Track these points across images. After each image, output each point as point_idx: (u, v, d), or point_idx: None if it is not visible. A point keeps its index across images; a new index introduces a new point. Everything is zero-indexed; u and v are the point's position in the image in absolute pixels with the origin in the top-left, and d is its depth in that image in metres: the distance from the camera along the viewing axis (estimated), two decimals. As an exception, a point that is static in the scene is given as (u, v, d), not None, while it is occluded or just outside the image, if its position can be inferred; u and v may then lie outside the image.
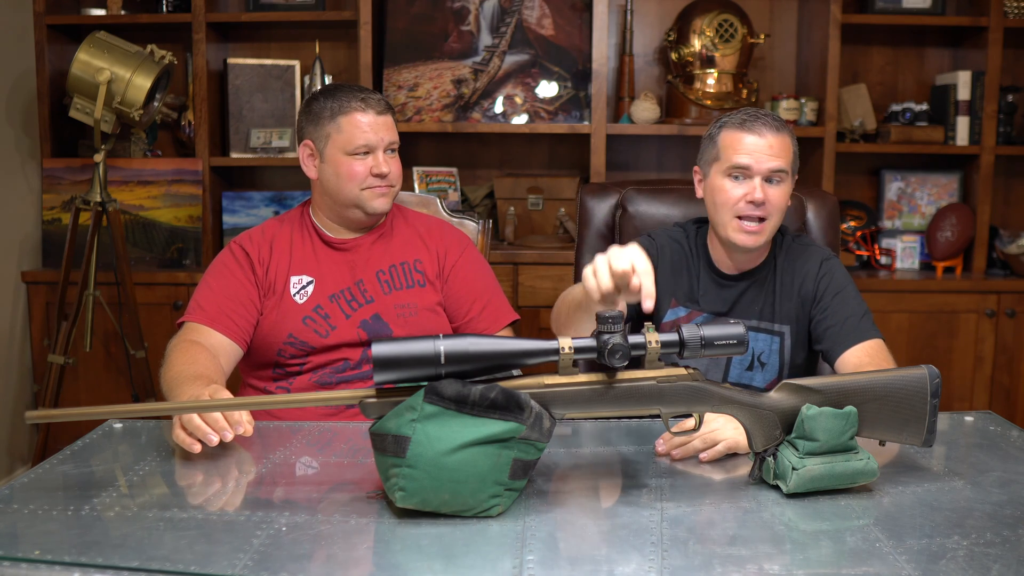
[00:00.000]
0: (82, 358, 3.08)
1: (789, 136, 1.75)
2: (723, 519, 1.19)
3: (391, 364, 1.14)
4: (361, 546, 1.11)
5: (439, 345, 1.14)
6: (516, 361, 1.17)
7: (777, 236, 1.84)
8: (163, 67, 2.90)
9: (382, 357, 1.13)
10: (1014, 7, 3.29)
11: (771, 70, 3.58)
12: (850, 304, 1.75)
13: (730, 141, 1.73)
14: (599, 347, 1.17)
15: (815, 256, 1.81)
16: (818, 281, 1.78)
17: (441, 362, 1.14)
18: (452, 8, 3.45)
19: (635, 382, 1.21)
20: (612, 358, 1.17)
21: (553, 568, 1.04)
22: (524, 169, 3.60)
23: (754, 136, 1.71)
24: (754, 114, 1.74)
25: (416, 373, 1.15)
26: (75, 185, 3.31)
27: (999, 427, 1.58)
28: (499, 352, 1.16)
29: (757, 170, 1.71)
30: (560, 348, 1.17)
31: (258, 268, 1.88)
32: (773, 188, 1.71)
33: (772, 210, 1.72)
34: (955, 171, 3.51)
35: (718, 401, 1.24)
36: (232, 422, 1.38)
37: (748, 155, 1.70)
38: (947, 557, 1.07)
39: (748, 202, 1.71)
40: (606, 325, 1.17)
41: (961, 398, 3.27)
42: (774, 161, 1.70)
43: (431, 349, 1.14)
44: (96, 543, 1.08)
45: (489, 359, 1.16)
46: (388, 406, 1.17)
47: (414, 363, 1.14)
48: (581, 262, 2.13)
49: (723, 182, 1.73)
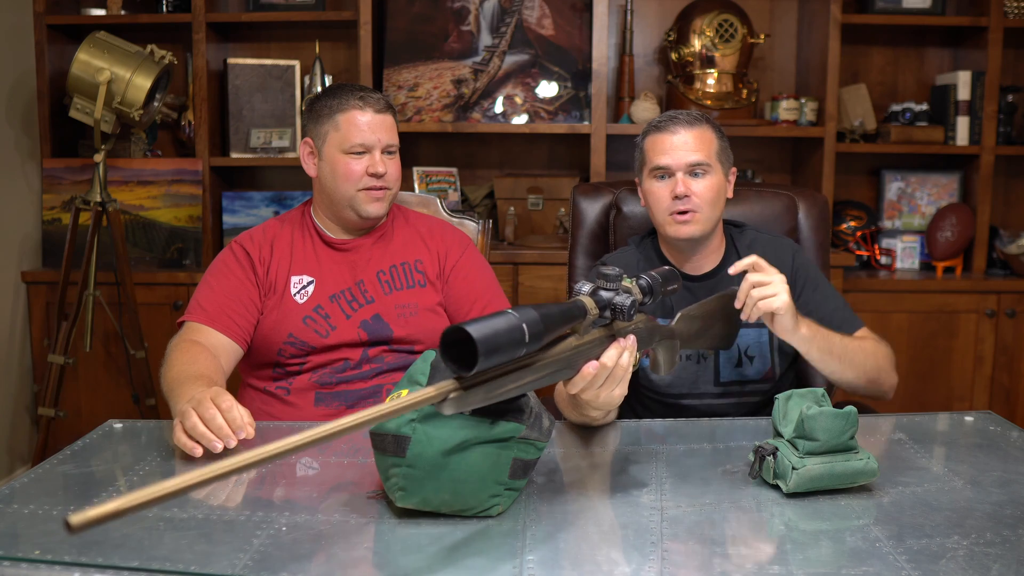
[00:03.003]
0: (82, 358, 3.08)
1: (709, 128, 1.79)
2: (723, 519, 1.19)
3: (494, 349, 0.98)
4: (361, 546, 1.11)
5: (518, 320, 1.02)
6: (565, 327, 1.14)
7: (733, 231, 1.89)
8: (163, 67, 2.90)
9: (486, 341, 0.96)
10: (1014, 7, 3.29)
11: (771, 70, 3.58)
12: (831, 298, 1.82)
13: (651, 145, 1.80)
14: (615, 305, 1.23)
15: (786, 247, 1.86)
16: (794, 272, 1.81)
17: (526, 340, 1.02)
18: (452, 8, 3.46)
19: (629, 329, 1.30)
20: (627, 313, 1.23)
21: (553, 568, 1.04)
22: (524, 169, 3.60)
23: (670, 135, 1.77)
24: (670, 115, 1.80)
25: (506, 356, 1.01)
26: (75, 185, 3.31)
27: (999, 427, 1.58)
28: (557, 322, 1.10)
29: (676, 166, 1.76)
30: (588, 308, 1.20)
31: (259, 268, 1.88)
32: (697, 181, 1.76)
33: (699, 202, 1.75)
34: (955, 171, 3.51)
35: (659, 337, 1.46)
36: (235, 427, 1.38)
37: (666, 154, 1.76)
38: (947, 557, 1.07)
39: (674, 198, 1.75)
40: (611, 283, 1.24)
41: (961, 398, 3.27)
42: (691, 155, 1.75)
43: (516, 324, 1.01)
44: (96, 543, 1.08)
45: (552, 331, 1.09)
46: (469, 401, 1.02)
47: (507, 344, 1.00)
48: (575, 262, 2.14)
49: (651, 185, 1.79)
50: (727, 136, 1.84)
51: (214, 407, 1.39)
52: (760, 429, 1.58)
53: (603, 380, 1.26)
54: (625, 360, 1.28)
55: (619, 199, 2.14)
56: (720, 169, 1.78)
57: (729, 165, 1.83)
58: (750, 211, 2.09)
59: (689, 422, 1.65)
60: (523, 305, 1.07)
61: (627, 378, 1.30)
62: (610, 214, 2.14)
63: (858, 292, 3.21)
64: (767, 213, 2.10)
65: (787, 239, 1.91)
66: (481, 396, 1.03)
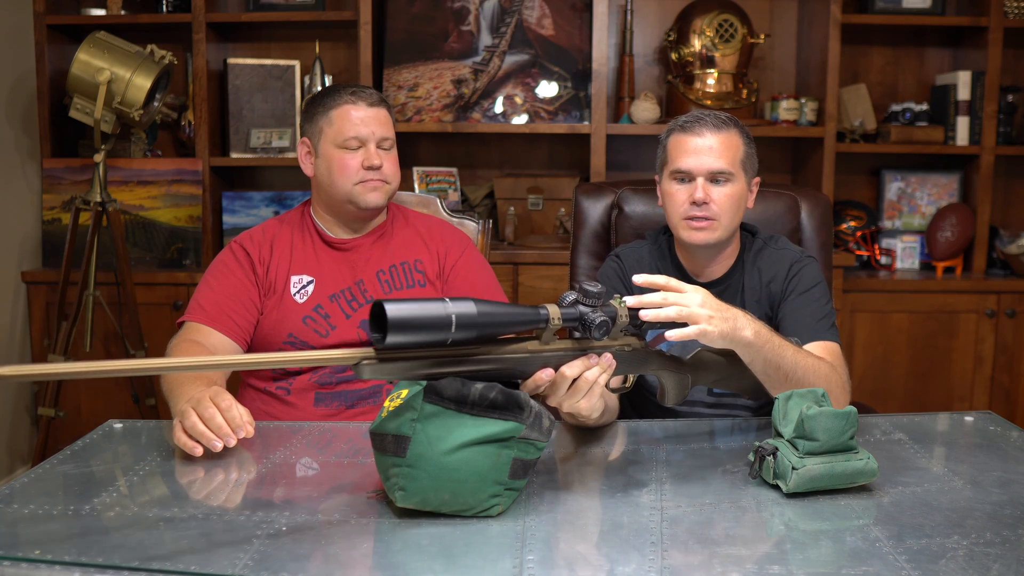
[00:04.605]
0: (82, 358, 3.08)
1: (737, 133, 1.73)
2: (723, 519, 1.19)
3: (406, 326, 1.10)
4: (361, 546, 1.11)
5: (449, 309, 1.13)
6: (513, 328, 1.20)
7: (747, 238, 1.84)
8: (163, 67, 2.90)
9: (398, 319, 1.09)
10: (1014, 7, 3.29)
11: (771, 70, 3.58)
12: (812, 305, 1.73)
13: (674, 144, 1.74)
14: (585, 320, 1.26)
15: (786, 259, 1.79)
16: (786, 282, 1.76)
17: (452, 329, 1.13)
18: (452, 8, 3.45)
19: (602, 349, 1.31)
20: (596, 331, 1.26)
21: (553, 568, 1.04)
22: (524, 169, 3.60)
23: (695, 138, 1.71)
24: (697, 116, 1.74)
25: (427, 337, 1.12)
26: (75, 185, 3.31)
27: (999, 427, 1.58)
28: (500, 320, 1.18)
29: (698, 172, 1.70)
30: (550, 317, 1.24)
31: (258, 268, 1.88)
32: (717, 188, 1.70)
33: (718, 211, 1.70)
34: (955, 171, 3.51)
35: (657, 366, 1.43)
36: (234, 426, 1.38)
37: (689, 157, 1.71)
38: (947, 557, 1.07)
39: (692, 203, 1.71)
40: (589, 299, 1.27)
41: (961, 398, 3.27)
42: (715, 162, 1.70)
43: (442, 312, 1.12)
44: (96, 543, 1.08)
45: (492, 327, 1.17)
46: (386, 372, 1.14)
47: (427, 326, 1.11)
48: (577, 262, 2.13)
49: (671, 186, 1.75)
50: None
51: (213, 406, 1.39)
52: (760, 429, 1.58)
53: (564, 390, 1.28)
54: (592, 375, 1.29)
55: (621, 199, 2.14)
56: (743, 177, 1.73)
57: (753, 173, 1.77)
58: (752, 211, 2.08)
59: (689, 422, 1.65)
60: (472, 298, 1.16)
61: (594, 392, 1.31)
62: (612, 214, 2.14)
63: (858, 292, 3.21)
64: (770, 213, 2.10)
65: (797, 251, 1.82)
66: (400, 370, 1.14)
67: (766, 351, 1.45)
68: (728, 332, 1.39)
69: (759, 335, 1.43)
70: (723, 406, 1.78)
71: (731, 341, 1.41)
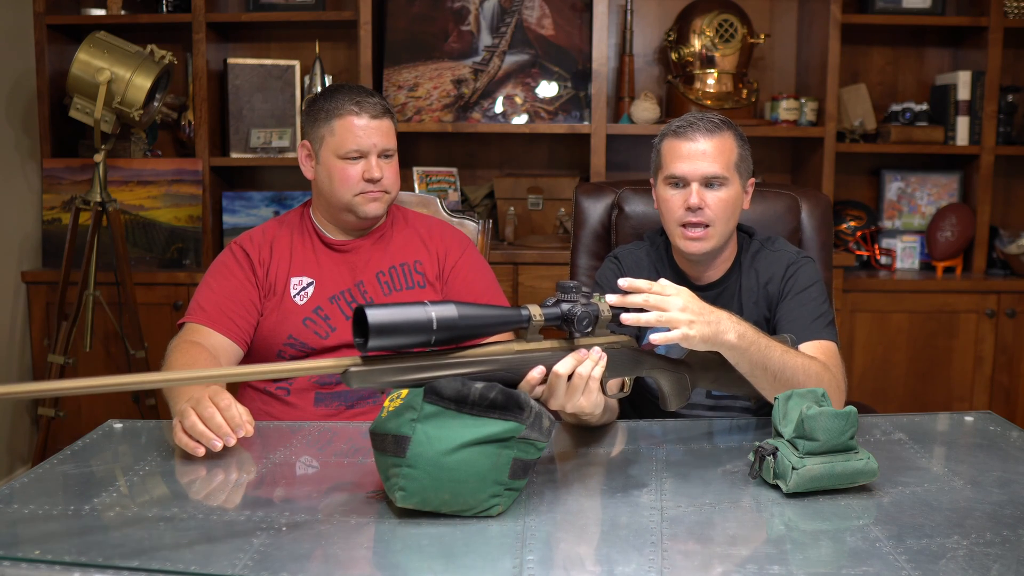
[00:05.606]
0: (82, 358, 3.08)
1: (730, 135, 1.72)
2: (723, 519, 1.19)
3: (388, 330, 1.11)
4: (361, 546, 1.11)
5: (430, 312, 1.14)
6: (495, 329, 1.21)
7: (744, 240, 1.83)
8: (163, 67, 2.90)
9: (379, 324, 1.10)
10: (1014, 7, 3.29)
11: (771, 70, 3.58)
12: (808, 305, 1.71)
13: (667, 149, 1.73)
14: (568, 316, 1.28)
15: (783, 260, 1.78)
16: (783, 283, 1.75)
17: (433, 328, 1.14)
18: (452, 8, 3.45)
19: (598, 345, 1.33)
20: (579, 323, 1.28)
21: (553, 568, 1.04)
22: (524, 169, 3.60)
23: (688, 142, 1.70)
24: (690, 120, 1.72)
25: (409, 340, 1.14)
26: (75, 185, 3.31)
27: (999, 427, 1.58)
28: (481, 322, 1.19)
29: (692, 177, 1.69)
30: (532, 316, 1.25)
31: (258, 269, 1.88)
32: (712, 193, 1.69)
33: (713, 216, 1.69)
34: (955, 171, 3.51)
35: (651, 366, 1.43)
36: (234, 425, 1.38)
37: (683, 163, 1.70)
38: (947, 557, 1.07)
39: (687, 209, 1.70)
40: (567, 294, 1.29)
41: (961, 398, 3.27)
42: (709, 167, 1.69)
43: (423, 315, 1.13)
44: (96, 543, 1.08)
45: (473, 328, 1.18)
46: (375, 375, 1.15)
47: (409, 330, 1.13)
48: (577, 262, 2.13)
49: (665, 192, 1.74)
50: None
51: (213, 406, 1.39)
52: (760, 429, 1.58)
53: (562, 390, 1.29)
54: (585, 370, 1.29)
55: (621, 199, 2.14)
56: (737, 180, 1.72)
57: (748, 175, 1.77)
58: (752, 211, 2.08)
59: (689, 422, 1.65)
60: (454, 300, 1.18)
61: (592, 388, 1.31)
62: (612, 214, 2.14)
63: (858, 292, 3.21)
64: (769, 213, 2.10)
65: (794, 253, 1.81)
66: (389, 375, 1.15)
67: (751, 353, 1.44)
68: (710, 336, 1.39)
69: (743, 337, 1.42)
70: (722, 408, 1.78)
71: (714, 344, 1.41)
